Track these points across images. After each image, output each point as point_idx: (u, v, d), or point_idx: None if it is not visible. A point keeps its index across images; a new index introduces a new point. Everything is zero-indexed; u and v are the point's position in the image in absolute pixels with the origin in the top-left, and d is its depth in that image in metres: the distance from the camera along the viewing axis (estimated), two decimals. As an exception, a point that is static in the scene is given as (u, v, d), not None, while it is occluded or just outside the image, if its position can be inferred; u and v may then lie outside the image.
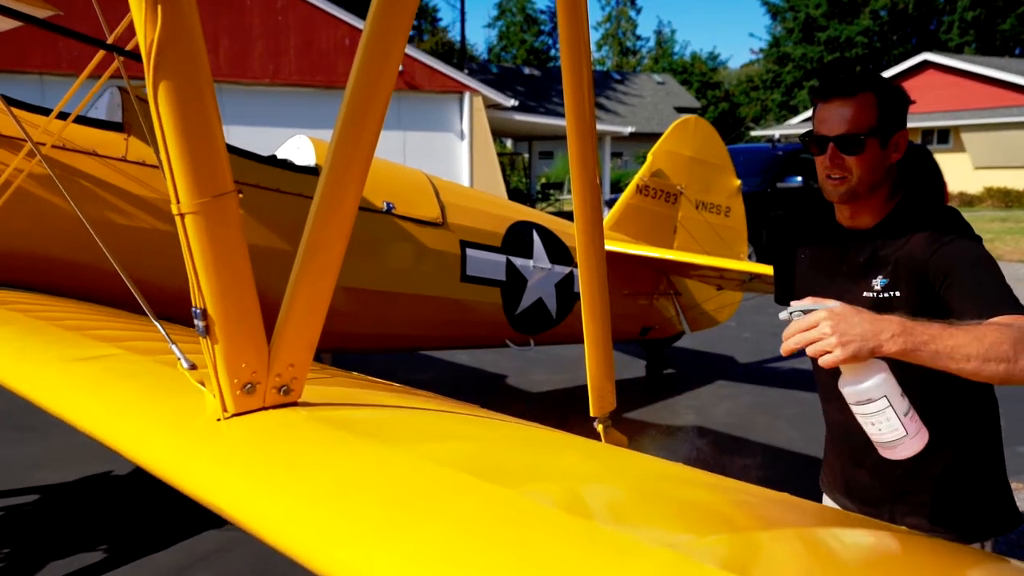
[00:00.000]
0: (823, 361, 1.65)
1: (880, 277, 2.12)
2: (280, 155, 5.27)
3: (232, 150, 4.56)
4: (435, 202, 5.44)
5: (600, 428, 2.09)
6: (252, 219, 4.47)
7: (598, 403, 2.03)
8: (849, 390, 1.69)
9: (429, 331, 5.49)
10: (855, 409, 1.71)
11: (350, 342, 5.22)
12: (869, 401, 1.66)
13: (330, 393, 1.77)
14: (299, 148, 5.18)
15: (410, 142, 20.77)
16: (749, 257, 7.94)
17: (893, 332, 1.64)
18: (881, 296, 2.10)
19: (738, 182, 7.64)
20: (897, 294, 2.09)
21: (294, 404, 1.54)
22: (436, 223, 5.38)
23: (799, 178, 16.44)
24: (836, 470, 2.38)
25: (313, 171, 4.89)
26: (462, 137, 21.55)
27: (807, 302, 1.72)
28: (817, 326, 1.64)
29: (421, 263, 5.29)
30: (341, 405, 1.60)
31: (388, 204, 5.12)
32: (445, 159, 21.08)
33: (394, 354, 7.57)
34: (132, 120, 4.25)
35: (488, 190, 19.68)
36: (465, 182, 21.00)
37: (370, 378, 2.55)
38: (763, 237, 13.45)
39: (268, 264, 4.66)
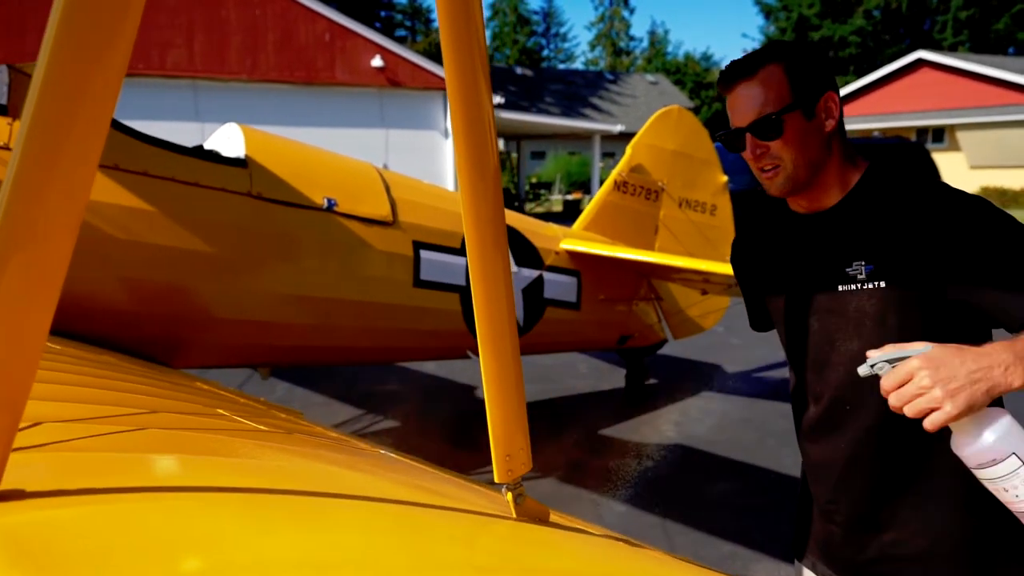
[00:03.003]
0: (931, 421, 1.32)
1: (860, 262, 1.71)
2: (209, 145, 4.71)
3: (142, 137, 4.00)
4: (384, 198, 4.87)
5: (509, 498, 1.52)
6: (165, 217, 3.91)
7: (504, 464, 1.46)
8: (967, 452, 1.32)
9: (378, 342, 4.92)
10: (978, 474, 1.32)
11: (286, 355, 4.66)
12: (995, 462, 1.29)
13: (98, 464, 1.21)
14: (229, 138, 4.61)
15: (393, 140, 20.23)
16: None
17: (1007, 362, 1.32)
18: (864, 287, 1.71)
19: (724, 178, 7.10)
20: (882, 284, 1.69)
21: (-13, 496, 0.97)
22: (385, 222, 4.81)
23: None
24: (825, 529, 1.89)
25: (241, 163, 4.33)
26: (446, 135, 20.98)
27: (888, 350, 1.40)
28: (913, 378, 1.34)
29: (367, 267, 4.72)
30: (72, 495, 1.04)
31: (329, 200, 4.56)
32: (429, 158, 20.54)
33: (351, 366, 7.02)
34: (22, 103, 3.69)
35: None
36: (449, 181, 20.44)
37: (238, 415, 1.99)
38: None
39: (186, 268, 4.12)
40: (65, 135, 0.98)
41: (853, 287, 1.72)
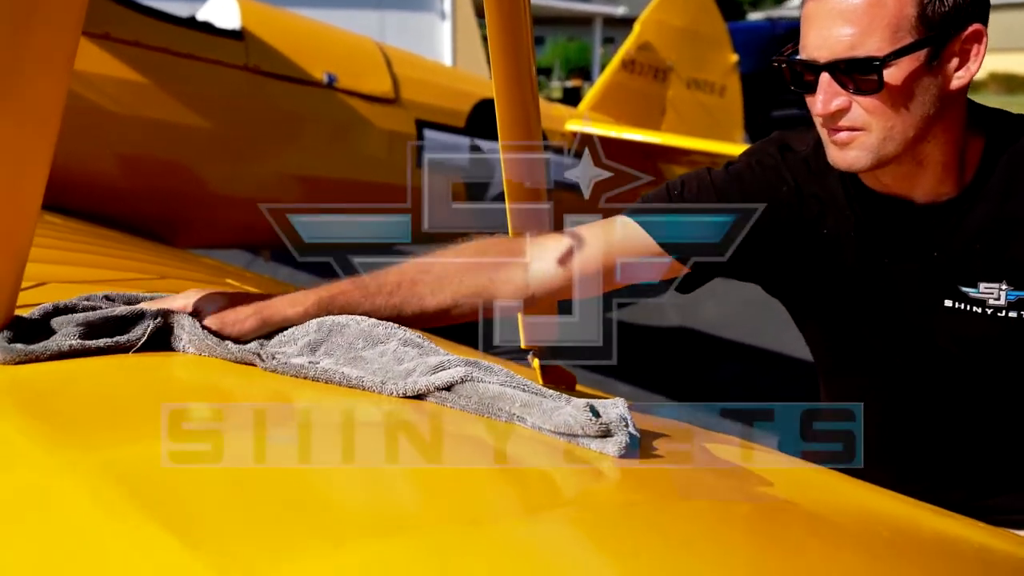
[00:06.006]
0: None
1: (996, 286, 1.22)
2: (202, 16, 4.51)
3: (132, 5, 3.82)
4: (386, 74, 4.70)
5: (536, 365, 1.46)
6: (158, 89, 3.77)
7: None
8: None
9: (380, 224, 4.83)
10: None
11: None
12: None
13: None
14: (223, 7, 4.41)
15: (388, 22, 19.63)
16: (744, 142, 7.24)
17: None
18: (1003, 316, 1.22)
19: (735, 58, 6.89)
20: None
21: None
22: (387, 99, 4.66)
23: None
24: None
25: (237, 35, 4.15)
26: (443, 17, 20.38)
27: None
28: None
29: (369, 146, 4.59)
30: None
31: (329, 76, 4.40)
32: (425, 41, 19.95)
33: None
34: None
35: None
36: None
37: (247, 285, 1.93)
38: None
39: (181, 143, 4.00)
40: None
41: (977, 310, 1.24)
